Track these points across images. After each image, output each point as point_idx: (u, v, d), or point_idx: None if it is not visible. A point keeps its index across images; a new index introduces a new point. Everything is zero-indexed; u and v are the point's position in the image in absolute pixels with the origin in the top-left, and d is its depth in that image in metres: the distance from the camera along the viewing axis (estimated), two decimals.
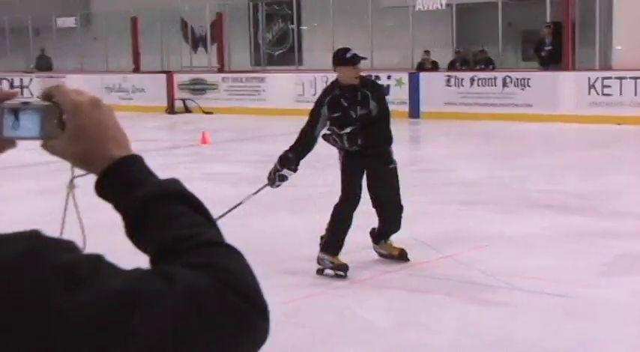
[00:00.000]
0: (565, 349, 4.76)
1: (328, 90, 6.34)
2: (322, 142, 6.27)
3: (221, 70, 22.91)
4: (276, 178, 6.22)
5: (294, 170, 6.21)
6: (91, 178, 1.15)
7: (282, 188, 6.39)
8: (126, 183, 1.12)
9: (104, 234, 2.53)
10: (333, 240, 6.20)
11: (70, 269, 0.94)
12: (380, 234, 6.57)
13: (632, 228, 7.50)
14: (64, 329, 0.91)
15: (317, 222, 6.53)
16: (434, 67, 20.03)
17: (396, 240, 6.59)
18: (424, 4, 19.98)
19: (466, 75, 18.50)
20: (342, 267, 6.17)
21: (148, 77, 23.38)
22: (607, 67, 17.61)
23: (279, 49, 25.22)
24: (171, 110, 22.24)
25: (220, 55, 23.17)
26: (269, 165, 6.33)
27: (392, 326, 5.20)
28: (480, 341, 4.85)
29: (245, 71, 23.01)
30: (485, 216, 8.14)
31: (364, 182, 6.32)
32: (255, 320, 1.01)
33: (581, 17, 18.18)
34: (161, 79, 22.88)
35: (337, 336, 5.05)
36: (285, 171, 6.19)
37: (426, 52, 20.19)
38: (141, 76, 23.66)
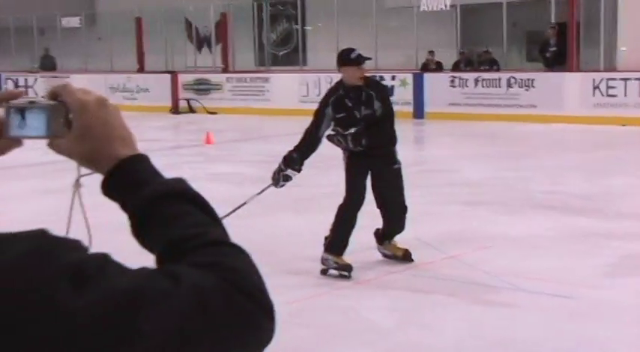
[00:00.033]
0: (568, 349, 4.76)
1: (332, 90, 6.34)
2: (326, 142, 6.27)
3: (225, 70, 22.91)
4: (280, 178, 6.22)
5: (299, 170, 6.21)
6: (97, 177, 1.15)
7: (286, 188, 6.39)
8: (132, 183, 1.12)
9: (110, 234, 2.53)
10: (337, 240, 6.20)
11: (76, 268, 0.94)
12: (384, 235, 6.56)
13: (636, 229, 7.49)
14: (70, 329, 0.91)
15: (321, 222, 6.53)
16: (438, 67, 20.02)
17: (400, 240, 6.58)
18: (428, 4, 19.97)
19: (470, 75, 18.48)
20: (346, 268, 6.17)
21: (153, 77, 23.39)
22: (612, 68, 17.58)
23: (284, 50, 25.22)
24: (175, 110, 22.25)
25: (225, 55, 23.18)
26: (273, 166, 6.33)
27: (396, 326, 5.21)
28: (484, 341, 4.85)
29: (249, 71, 23.01)
30: (489, 217, 8.14)
31: (368, 182, 6.32)
32: (260, 320, 1.01)
33: (586, 18, 18.15)
34: (165, 79, 22.89)
35: (341, 336, 5.05)
36: (289, 171, 6.19)
37: (431, 52, 20.17)
38: (145, 76, 23.67)
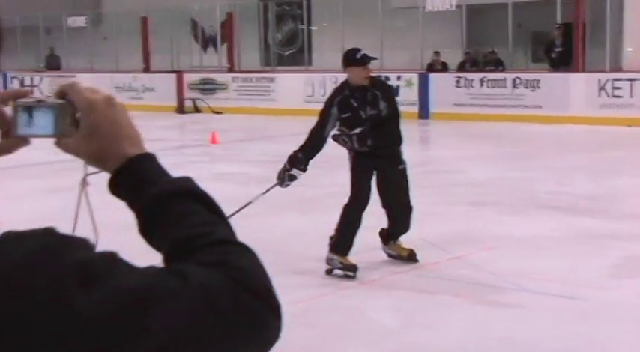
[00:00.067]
0: (573, 350, 4.76)
1: (338, 90, 6.34)
2: (332, 142, 6.27)
3: (231, 70, 22.93)
4: (285, 178, 6.22)
5: (304, 170, 6.21)
6: (104, 176, 1.16)
7: (291, 188, 6.39)
8: (139, 182, 1.12)
9: (117, 232, 2.54)
10: (342, 240, 6.20)
11: (84, 266, 0.94)
12: (389, 235, 6.56)
13: None
14: (78, 327, 0.91)
15: (326, 222, 6.53)
16: (444, 68, 20.02)
17: (405, 240, 6.58)
18: (434, 5, 19.97)
19: (476, 76, 18.47)
20: (351, 268, 6.17)
21: (158, 77, 23.42)
22: (617, 68, 17.56)
23: (289, 50, 25.23)
24: (180, 110, 22.27)
25: (230, 55, 23.20)
26: (278, 165, 6.33)
27: (400, 326, 5.21)
28: (489, 341, 4.85)
29: (255, 71, 23.03)
30: (494, 218, 8.13)
31: (374, 182, 6.32)
32: (267, 318, 1.01)
33: (592, 18, 18.11)
34: (171, 79, 22.92)
35: (346, 336, 5.05)
36: (294, 171, 6.19)
37: (436, 53, 20.17)
38: (151, 76, 23.71)
